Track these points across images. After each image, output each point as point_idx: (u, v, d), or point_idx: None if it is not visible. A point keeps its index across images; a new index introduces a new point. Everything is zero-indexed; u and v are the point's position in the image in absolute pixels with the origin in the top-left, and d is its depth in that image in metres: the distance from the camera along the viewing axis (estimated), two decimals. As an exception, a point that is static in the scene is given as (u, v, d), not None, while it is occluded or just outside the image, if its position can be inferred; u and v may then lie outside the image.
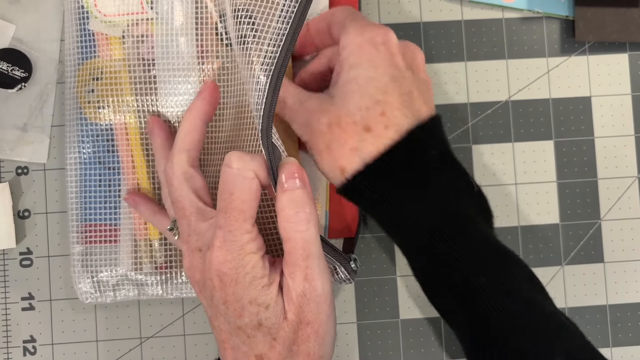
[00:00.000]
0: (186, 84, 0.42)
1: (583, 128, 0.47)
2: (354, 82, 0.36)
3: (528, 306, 0.35)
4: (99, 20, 0.42)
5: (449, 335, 0.46)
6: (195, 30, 0.42)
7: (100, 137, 0.43)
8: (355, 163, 0.36)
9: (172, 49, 0.42)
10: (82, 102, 0.43)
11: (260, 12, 0.36)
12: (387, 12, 0.47)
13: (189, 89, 0.42)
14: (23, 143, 0.45)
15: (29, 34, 0.45)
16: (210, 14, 0.43)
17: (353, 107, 0.36)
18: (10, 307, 0.45)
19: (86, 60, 0.43)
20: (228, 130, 0.41)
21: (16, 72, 0.44)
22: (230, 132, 0.41)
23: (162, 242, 0.43)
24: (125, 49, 0.42)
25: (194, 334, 0.45)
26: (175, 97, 0.42)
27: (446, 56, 0.47)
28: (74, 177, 0.43)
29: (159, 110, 0.43)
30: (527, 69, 0.47)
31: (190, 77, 0.42)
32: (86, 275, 0.43)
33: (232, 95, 0.41)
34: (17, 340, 0.45)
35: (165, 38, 0.42)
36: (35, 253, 0.45)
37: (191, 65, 0.42)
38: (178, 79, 0.42)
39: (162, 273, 0.43)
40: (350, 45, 0.37)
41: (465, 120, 0.47)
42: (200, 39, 0.42)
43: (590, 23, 0.46)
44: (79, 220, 0.43)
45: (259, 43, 0.35)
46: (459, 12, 0.47)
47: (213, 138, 0.42)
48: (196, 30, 0.42)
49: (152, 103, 0.43)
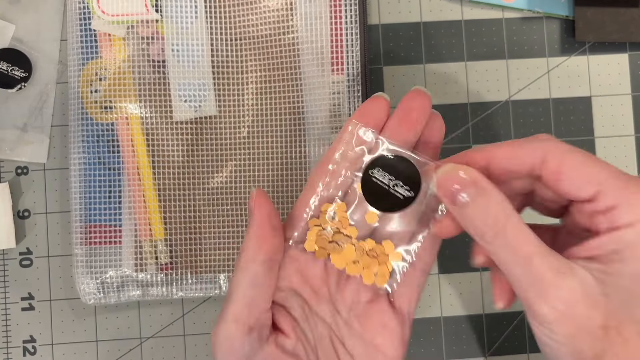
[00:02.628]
0: (200, 85, 0.43)
1: (583, 128, 0.47)
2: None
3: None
4: (102, 20, 0.42)
5: (449, 335, 0.46)
6: (208, 31, 0.43)
7: (103, 138, 0.43)
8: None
9: (184, 50, 0.42)
10: (86, 102, 0.43)
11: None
12: (387, 12, 0.47)
13: (203, 91, 0.43)
14: (23, 143, 0.45)
15: (28, 33, 0.45)
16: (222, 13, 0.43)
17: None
18: (10, 307, 0.45)
19: (90, 60, 0.43)
20: (249, 126, 0.43)
21: (16, 72, 0.44)
22: (252, 127, 0.43)
23: (166, 242, 0.43)
24: (130, 49, 0.43)
25: (194, 334, 0.45)
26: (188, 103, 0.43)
27: (446, 56, 0.47)
28: (77, 178, 0.43)
29: (169, 114, 0.43)
30: (527, 69, 0.47)
31: (204, 78, 0.43)
32: (89, 276, 0.43)
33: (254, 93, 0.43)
34: (17, 340, 0.45)
35: (177, 39, 0.42)
36: (35, 253, 0.45)
37: (205, 67, 0.43)
38: (191, 80, 0.43)
39: (167, 273, 0.43)
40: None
41: (465, 120, 0.47)
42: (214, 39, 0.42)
43: (590, 23, 0.46)
44: (82, 221, 0.43)
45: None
46: (459, 12, 0.47)
47: (234, 133, 0.44)
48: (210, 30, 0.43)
49: (159, 105, 0.43)
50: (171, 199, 0.43)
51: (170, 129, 0.43)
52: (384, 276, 0.35)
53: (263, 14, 0.43)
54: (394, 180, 0.34)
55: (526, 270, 0.29)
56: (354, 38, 0.43)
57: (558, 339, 0.29)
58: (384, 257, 0.35)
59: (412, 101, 0.34)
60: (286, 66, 0.43)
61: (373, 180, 0.34)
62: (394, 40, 0.47)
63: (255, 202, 0.34)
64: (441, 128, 0.36)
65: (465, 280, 0.46)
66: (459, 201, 0.30)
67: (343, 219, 0.35)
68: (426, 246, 0.35)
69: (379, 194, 0.34)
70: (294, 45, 0.43)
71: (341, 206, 0.35)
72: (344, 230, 0.35)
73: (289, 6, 0.43)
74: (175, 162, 0.43)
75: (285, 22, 0.43)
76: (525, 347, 0.46)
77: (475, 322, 0.46)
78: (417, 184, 0.33)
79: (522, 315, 0.46)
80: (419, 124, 0.35)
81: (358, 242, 0.35)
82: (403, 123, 0.34)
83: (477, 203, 0.30)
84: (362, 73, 0.43)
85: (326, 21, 0.43)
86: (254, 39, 0.44)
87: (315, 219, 0.35)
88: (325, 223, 0.35)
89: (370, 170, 0.34)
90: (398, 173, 0.33)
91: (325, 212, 0.35)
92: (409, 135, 0.35)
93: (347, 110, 0.43)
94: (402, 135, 0.34)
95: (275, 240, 0.34)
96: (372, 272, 0.35)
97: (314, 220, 0.35)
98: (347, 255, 0.35)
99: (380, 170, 0.34)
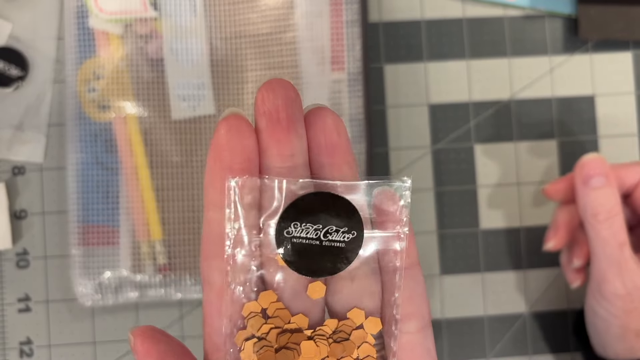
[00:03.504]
0: (198, 84, 0.42)
1: (586, 127, 0.47)
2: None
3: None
4: (99, 18, 0.42)
5: (449, 335, 0.46)
6: (206, 29, 0.42)
7: (100, 137, 0.43)
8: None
9: (182, 49, 0.42)
10: (83, 101, 0.42)
11: None
12: (389, 10, 0.46)
13: (202, 90, 0.42)
14: (19, 142, 0.45)
15: (25, 32, 0.45)
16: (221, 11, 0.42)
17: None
18: (6, 309, 0.45)
19: (87, 59, 0.43)
20: None
21: (12, 71, 0.44)
22: None
23: (164, 243, 0.42)
24: (128, 47, 0.42)
25: (193, 336, 0.45)
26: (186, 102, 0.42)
27: (448, 54, 0.46)
28: (74, 178, 0.43)
29: (167, 114, 0.42)
30: (530, 68, 0.47)
31: (202, 77, 0.42)
32: (87, 277, 0.42)
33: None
34: (14, 341, 0.45)
35: (175, 38, 0.42)
36: (31, 254, 0.45)
37: (203, 65, 0.42)
38: (190, 79, 0.42)
39: (165, 274, 0.43)
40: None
41: (467, 119, 0.46)
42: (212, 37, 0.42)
43: (593, 21, 0.46)
44: (79, 221, 0.43)
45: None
46: (460, 10, 0.47)
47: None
48: (209, 29, 0.42)
49: (157, 104, 0.42)
50: (169, 199, 0.43)
51: (168, 128, 0.43)
52: (371, 358, 0.25)
53: (263, 12, 0.43)
54: (322, 229, 0.24)
55: (617, 252, 0.37)
56: (354, 36, 0.42)
57: (615, 311, 0.38)
58: (360, 333, 0.25)
59: (268, 97, 0.23)
60: (286, 65, 0.43)
61: (295, 242, 0.24)
62: (395, 38, 0.46)
63: (139, 351, 0.23)
64: (337, 124, 0.24)
65: (466, 282, 0.46)
66: (592, 184, 0.38)
67: (280, 312, 0.24)
68: (409, 290, 0.25)
69: (312, 256, 0.24)
70: (294, 43, 0.43)
71: (268, 296, 0.24)
72: (289, 325, 0.24)
73: (289, 4, 0.43)
74: (173, 161, 0.43)
75: (285, 20, 0.43)
76: (527, 348, 0.46)
77: (476, 324, 0.46)
78: (354, 215, 0.24)
79: (524, 317, 0.46)
80: (295, 122, 0.23)
81: (314, 331, 0.24)
82: (274, 134, 0.23)
83: (604, 190, 0.38)
84: (363, 72, 0.42)
85: (327, 19, 0.42)
86: (254, 37, 0.43)
87: (242, 331, 0.24)
88: (259, 329, 0.24)
89: (285, 231, 0.24)
90: (322, 217, 0.24)
91: (251, 315, 0.24)
92: (294, 147, 0.23)
93: (348, 110, 0.43)
94: (283, 151, 0.23)
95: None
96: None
97: (241, 333, 0.24)
98: (309, 358, 0.24)
99: (297, 224, 0.24)
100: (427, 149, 0.46)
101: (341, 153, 0.24)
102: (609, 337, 0.39)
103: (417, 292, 0.25)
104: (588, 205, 0.38)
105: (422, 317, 0.25)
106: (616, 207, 0.38)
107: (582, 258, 0.42)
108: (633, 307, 0.37)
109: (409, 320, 0.25)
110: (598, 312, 0.39)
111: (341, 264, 0.24)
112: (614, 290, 0.38)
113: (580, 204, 0.39)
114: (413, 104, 0.46)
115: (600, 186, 0.38)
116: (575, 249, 0.42)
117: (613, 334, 0.38)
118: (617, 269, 0.38)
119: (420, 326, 0.25)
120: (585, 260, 0.42)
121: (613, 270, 0.38)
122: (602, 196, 0.38)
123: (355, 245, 0.24)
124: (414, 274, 0.25)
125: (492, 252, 0.46)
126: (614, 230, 0.38)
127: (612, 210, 0.38)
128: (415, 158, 0.46)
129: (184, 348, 0.24)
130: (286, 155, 0.23)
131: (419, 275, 0.25)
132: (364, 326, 0.25)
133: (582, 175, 0.39)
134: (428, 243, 0.46)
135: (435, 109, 0.46)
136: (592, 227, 0.38)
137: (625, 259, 0.37)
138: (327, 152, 0.24)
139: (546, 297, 0.46)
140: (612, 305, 0.38)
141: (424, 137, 0.46)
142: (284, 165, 0.23)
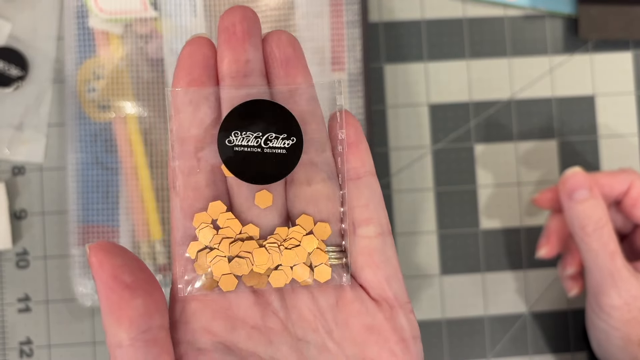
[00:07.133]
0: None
1: (587, 127, 0.47)
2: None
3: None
4: (99, 18, 0.42)
5: (449, 335, 0.46)
6: (207, 29, 0.42)
7: (100, 137, 0.42)
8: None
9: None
10: (83, 101, 0.42)
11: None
12: (389, 10, 0.46)
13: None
14: (19, 142, 0.45)
15: (25, 32, 0.45)
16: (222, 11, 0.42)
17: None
18: (6, 309, 0.45)
19: (87, 59, 0.43)
20: None
21: (12, 71, 0.44)
22: None
23: (164, 243, 0.42)
24: (128, 47, 0.42)
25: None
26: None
27: (448, 54, 0.46)
28: (74, 178, 0.43)
29: (166, 111, 0.42)
30: (530, 68, 0.47)
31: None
32: (87, 277, 0.42)
33: None
34: (13, 341, 0.45)
35: (175, 37, 0.42)
36: (31, 254, 0.45)
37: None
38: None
39: (165, 274, 0.43)
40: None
41: (467, 119, 0.46)
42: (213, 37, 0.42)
43: (593, 21, 0.46)
44: (79, 221, 0.43)
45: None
46: (460, 10, 0.47)
47: None
48: (209, 29, 0.42)
49: (157, 104, 0.42)
50: (169, 199, 0.43)
51: (168, 128, 0.43)
52: (323, 266, 0.25)
53: (263, 13, 0.43)
54: (262, 137, 0.24)
55: (609, 262, 0.37)
56: (355, 37, 0.42)
57: (614, 323, 0.38)
58: (310, 239, 0.25)
59: (227, 16, 0.25)
60: None
61: (236, 150, 0.24)
62: (395, 38, 0.46)
63: (93, 263, 0.23)
64: (292, 41, 0.25)
65: (466, 282, 0.46)
66: (576, 197, 0.38)
67: (230, 222, 0.25)
68: (365, 198, 0.26)
69: (254, 163, 0.24)
70: None
71: (217, 206, 0.24)
72: (240, 235, 0.25)
73: (290, 5, 0.43)
74: (173, 161, 0.43)
75: (286, 20, 0.43)
76: (527, 348, 0.46)
77: (476, 324, 0.46)
78: (293, 122, 0.24)
79: (524, 317, 0.46)
80: (251, 35, 0.24)
81: (266, 240, 0.25)
82: (230, 43, 0.24)
83: (590, 202, 0.38)
84: (364, 72, 0.42)
85: (327, 20, 0.42)
86: None
87: (194, 242, 0.25)
88: (210, 240, 0.24)
89: (226, 140, 0.24)
90: (262, 124, 0.24)
91: (202, 226, 0.24)
92: (249, 54, 0.24)
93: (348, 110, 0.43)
94: (238, 56, 0.24)
95: (137, 301, 0.22)
96: (305, 270, 0.25)
97: (193, 244, 0.25)
98: (262, 266, 0.24)
99: (238, 132, 0.24)
100: (427, 149, 0.46)
101: (295, 65, 0.25)
102: (611, 348, 0.39)
103: (373, 200, 0.26)
104: (575, 218, 0.38)
105: (380, 224, 0.26)
106: (603, 218, 0.38)
107: (575, 266, 0.42)
108: (631, 316, 0.37)
109: (366, 225, 0.25)
110: (598, 325, 0.39)
111: (283, 170, 0.24)
112: (610, 302, 0.38)
113: (567, 217, 0.39)
114: (413, 104, 0.46)
115: (584, 199, 0.38)
116: (567, 257, 0.42)
117: (615, 345, 0.38)
118: (611, 279, 0.38)
119: (378, 232, 0.26)
120: (578, 268, 0.42)
121: (607, 282, 0.38)
122: (588, 208, 0.38)
123: (296, 151, 0.24)
124: (369, 182, 0.26)
125: (492, 252, 0.46)
126: (603, 241, 0.38)
127: (599, 221, 0.38)
128: (415, 158, 0.46)
129: (141, 264, 0.23)
130: (241, 61, 0.24)
131: (374, 184, 0.26)
132: (313, 232, 0.25)
133: (565, 189, 0.39)
134: (428, 243, 0.46)
135: (435, 109, 0.46)
136: (582, 240, 0.38)
137: (617, 269, 0.37)
138: (281, 64, 0.25)
139: (546, 297, 0.46)
140: (610, 317, 0.38)
141: (424, 137, 0.46)
142: (239, 71, 0.24)
